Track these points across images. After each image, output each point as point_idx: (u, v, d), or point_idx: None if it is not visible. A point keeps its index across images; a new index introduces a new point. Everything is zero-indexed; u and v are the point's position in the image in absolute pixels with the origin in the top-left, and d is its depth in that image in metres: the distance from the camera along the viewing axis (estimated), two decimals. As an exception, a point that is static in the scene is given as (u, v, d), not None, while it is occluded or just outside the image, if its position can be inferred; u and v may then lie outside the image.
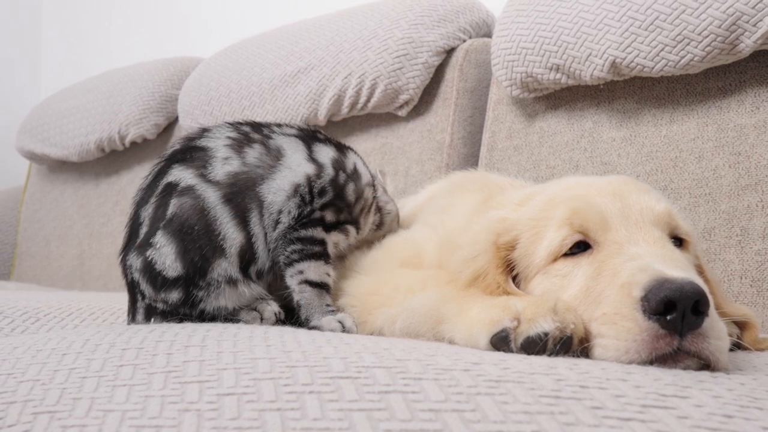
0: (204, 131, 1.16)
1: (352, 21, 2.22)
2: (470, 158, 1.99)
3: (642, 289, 0.78)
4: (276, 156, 1.12)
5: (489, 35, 2.17)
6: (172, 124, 2.86)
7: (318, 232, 1.13)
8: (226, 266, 1.06)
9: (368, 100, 2.08)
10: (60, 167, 3.22)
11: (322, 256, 1.12)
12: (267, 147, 1.13)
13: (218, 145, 1.11)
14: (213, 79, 2.55)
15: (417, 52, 2.03)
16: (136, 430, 0.59)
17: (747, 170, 1.46)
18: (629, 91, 1.68)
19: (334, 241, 1.15)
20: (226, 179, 1.07)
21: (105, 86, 3.02)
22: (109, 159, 3.01)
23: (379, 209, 1.26)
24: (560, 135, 1.78)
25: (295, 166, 1.12)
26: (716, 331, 0.78)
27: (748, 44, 1.43)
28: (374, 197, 1.23)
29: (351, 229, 1.18)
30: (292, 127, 1.21)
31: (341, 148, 1.21)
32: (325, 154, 1.17)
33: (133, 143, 2.88)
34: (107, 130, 2.88)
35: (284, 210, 1.10)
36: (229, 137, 1.13)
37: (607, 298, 0.82)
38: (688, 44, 1.49)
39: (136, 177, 2.83)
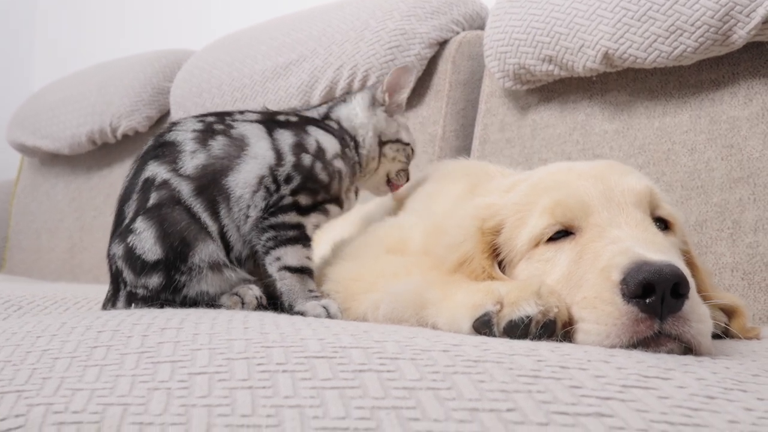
0: (173, 125, 1.16)
1: (344, 12, 2.20)
2: (462, 151, 1.98)
3: (621, 273, 0.76)
4: (240, 146, 1.12)
5: (482, 28, 2.15)
6: (164, 116, 2.84)
7: (291, 218, 1.12)
8: (212, 249, 1.06)
9: (360, 92, 2.06)
10: (52, 160, 3.20)
11: (300, 240, 1.11)
12: (230, 137, 1.13)
13: (186, 138, 1.12)
14: (205, 71, 2.53)
15: (409, 43, 2.01)
16: (104, 407, 0.57)
17: (739, 163, 1.45)
18: (622, 83, 1.67)
19: (314, 222, 1.14)
20: (195, 172, 1.08)
21: (97, 78, 3.00)
22: (101, 152, 2.99)
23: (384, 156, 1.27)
24: (553, 128, 1.77)
25: (261, 156, 1.12)
26: (697, 314, 0.76)
27: (741, 35, 1.42)
28: (353, 163, 1.22)
29: (332, 207, 1.17)
30: (254, 112, 1.21)
31: (300, 127, 1.20)
32: (284, 140, 1.16)
33: (125, 136, 2.86)
34: (99, 123, 2.86)
35: (251, 205, 1.10)
36: (194, 130, 1.14)
37: (588, 281, 0.81)
38: (681, 35, 1.47)
39: (128, 170, 2.81)
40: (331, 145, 1.19)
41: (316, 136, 1.19)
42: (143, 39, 3.57)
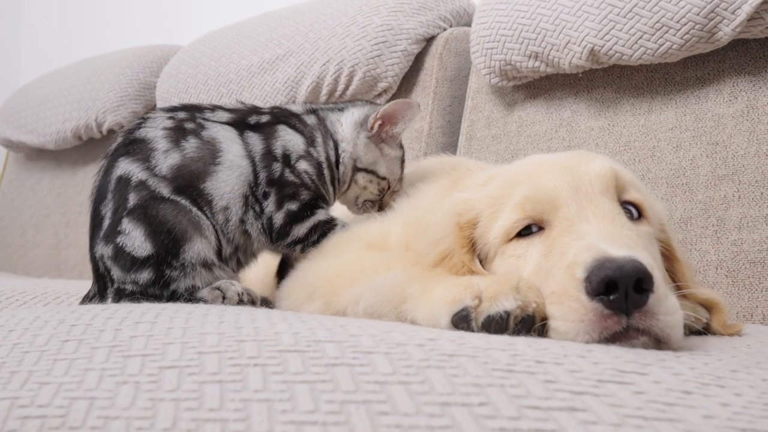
0: (141, 120, 1.16)
1: (331, 8, 2.19)
2: (449, 147, 1.97)
3: (584, 270, 0.76)
4: (212, 151, 1.12)
5: (469, 24, 2.15)
6: (150, 112, 2.82)
7: (300, 229, 1.16)
8: (201, 246, 1.06)
9: (346, 88, 2.05)
10: (37, 155, 3.18)
11: (329, 229, 1.19)
12: (201, 139, 1.12)
13: (157, 135, 1.11)
14: (191, 67, 2.52)
15: (396, 39, 2.00)
16: (70, 401, 0.56)
17: (724, 160, 1.45)
18: (608, 81, 1.67)
19: (323, 217, 1.20)
20: (170, 173, 1.08)
21: (83, 73, 2.98)
22: (87, 147, 2.97)
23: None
24: (539, 124, 1.76)
25: (237, 165, 1.12)
26: (665, 306, 0.76)
27: (726, 32, 1.41)
28: (318, 161, 1.22)
29: (322, 207, 1.20)
30: (225, 110, 1.20)
31: (270, 127, 1.20)
32: (255, 147, 1.16)
33: (111, 131, 2.83)
34: (84, 118, 2.84)
35: (246, 220, 1.14)
36: (165, 127, 1.13)
37: (555, 277, 0.81)
38: (667, 32, 1.47)
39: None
40: (295, 145, 1.18)
41: (284, 137, 1.19)
42: (130, 34, 3.55)
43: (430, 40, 2.06)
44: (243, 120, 1.19)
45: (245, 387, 0.55)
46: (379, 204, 1.28)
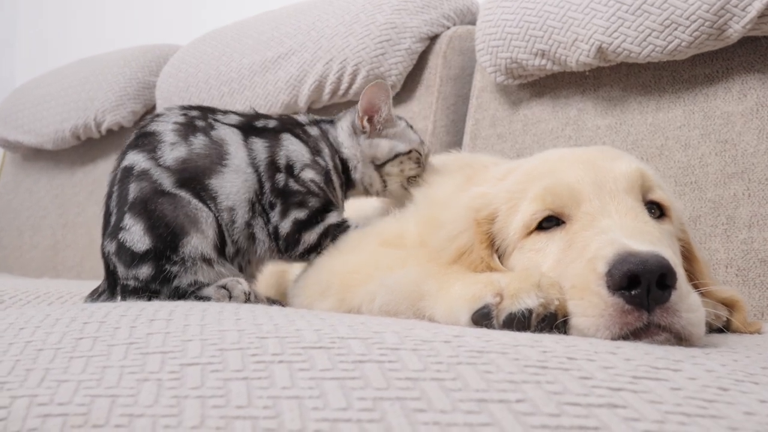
0: (156, 116, 1.17)
1: (334, 6, 2.18)
2: (453, 146, 1.95)
3: (606, 264, 0.75)
4: (219, 152, 1.12)
5: (473, 23, 2.14)
6: (149, 111, 2.80)
7: (311, 236, 1.15)
8: (198, 241, 1.05)
9: (350, 87, 2.04)
10: (35, 155, 3.15)
11: (340, 232, 1.17)
12: (210, 137, 1.13)
13: (166, 129, 1.12)
14: (191, 66, 2.50)
15: (400, 37, 1.99)
16: (91, 399, 0.54)
17: (733, 158, 1.44)
18: (615, 79, 1.65)
19: (333, 221, 1.17)
20: (175, 164, 1.08)
21: (81, 73, 2.96)
22: (85, 147, 2.95)
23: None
24: (545, 123, 1.75)
25: (242, 171, 1.13)
26: (687, 304, 0.75)
27: (736, 29, 1.41)
28: (326, 169, 1.21)
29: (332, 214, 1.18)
30: (235, 113, 1.21)
31: (275, 135, 1.20)
32: (260, 155, 1.16)
33: (110, 131, 2.82)
34: (83, 117, 2.81)
35: (254, 224, 1.13)
36: (176, 122, 1.14)
37: (576, 272, 0.79)
38: (676, 29, 1.46)
39: (112, 166, 2.76)
40: (299, 155, 1.18)
41: (287, 146, 1.18)
42: (128, 34, 3.53)
43: (434, 39, 2.05)
44: (250, 123, 1.19)
45: (272, 384, 0.54)
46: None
